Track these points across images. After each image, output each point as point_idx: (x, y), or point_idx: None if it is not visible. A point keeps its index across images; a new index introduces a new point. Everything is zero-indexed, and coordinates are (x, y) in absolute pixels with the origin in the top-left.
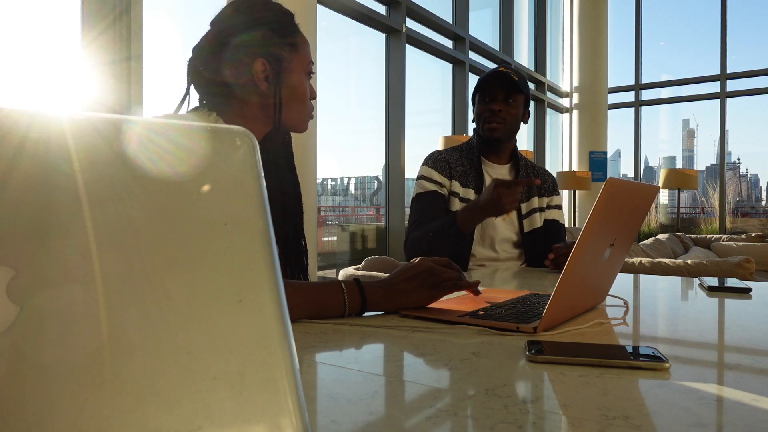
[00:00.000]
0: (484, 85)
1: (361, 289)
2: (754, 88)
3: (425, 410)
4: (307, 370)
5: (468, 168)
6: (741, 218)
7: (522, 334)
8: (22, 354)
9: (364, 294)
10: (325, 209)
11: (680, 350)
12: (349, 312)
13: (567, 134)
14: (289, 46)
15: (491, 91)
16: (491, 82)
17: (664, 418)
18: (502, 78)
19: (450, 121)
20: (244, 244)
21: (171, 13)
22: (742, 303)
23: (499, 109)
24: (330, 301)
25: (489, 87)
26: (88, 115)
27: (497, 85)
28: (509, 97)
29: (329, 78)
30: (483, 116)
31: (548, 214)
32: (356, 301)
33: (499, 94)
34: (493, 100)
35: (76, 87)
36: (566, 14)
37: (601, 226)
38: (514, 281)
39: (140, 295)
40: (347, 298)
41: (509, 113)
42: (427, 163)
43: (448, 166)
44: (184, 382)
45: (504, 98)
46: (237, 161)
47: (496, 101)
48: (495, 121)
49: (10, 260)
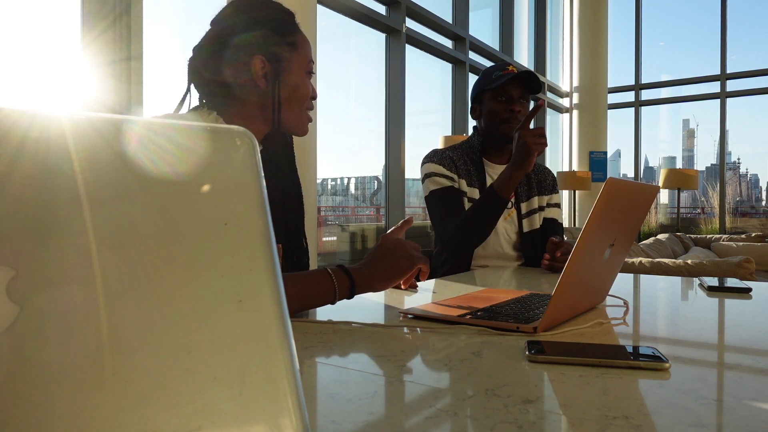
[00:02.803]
0: (504, 85)
1: (348, 273)
2: (754, 88)
3: (425, 410)
4: (307, 370)
5: (471, 168)
6: (741, 218)
7: (522, 334)
8: (22, 354)
9: (352, 278)
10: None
11: (680, 350)
12: (339, 298)
13: (567, 134)
14: (288, 45)
15: (510, 91)
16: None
17: (664, 418)
18: (526, 77)
19: (450, 121)
20: (244, 244)
21: (171, 13)
22: (742, 303)
23: (519, 110)
24: (321, 289)
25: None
26: (88, 115)
27: (520, 86)
28: (523, 96)
29: (329, 78)
30: (501, 117)
31: (547, 212)
32: (345, 286)
33: (515, 93)
34: (511, 100)
35: (76, 87)
36: (566, 14)
37: (601, 226)
38: (514, 281)
39: (140, 295)
40: (336, 284)
41: (523, 114)
42: (432, 160)
43: (454, 164)
44: (184, 382)
45: (519, 97)
46: (237, 161)
47: (514, 101)
48: (514, 122)
49: (10, 260)
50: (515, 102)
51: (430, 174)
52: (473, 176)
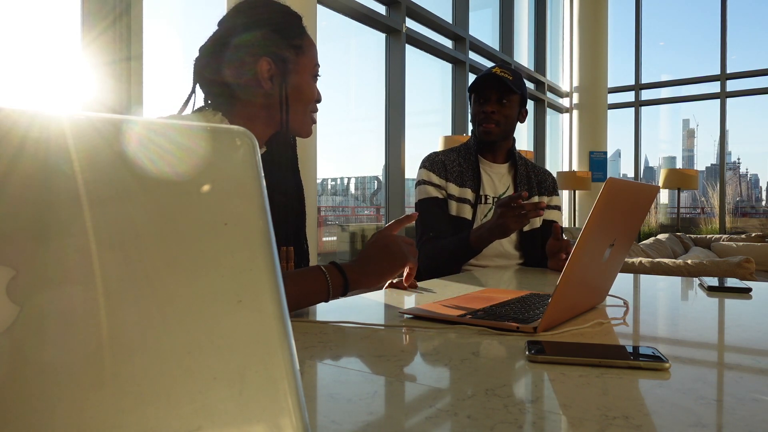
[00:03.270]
0: (477, 87)
1: (341, 270)
2: (754, 88)
3: (425, 410)
4: (307, 370)
5: (465, 168)
6: (741, 218)
7: (522, 334)
8: (22, 354)
9: (345, 275)
10: (325, 209)
11: (680, 350)
12: (333, 296)
13: (567, 134)
14: (294, 48)
15: (485, 93)
16: (483, 84)
17: (664, 418)
18: (495, 80)
19: (450, 121)
20: (244, 244)
21: (171, 13)
22: (742, 303)
23: (492, 111)
24: (314, 288)
25: (482, 88)
26: (88, 115)
27: (490, 87)
28: (503, 98)
29: (329, 78)
30: (477, 118)
31: (547, 214)
32: (338, 283)
33: (492, 96)
34: (487, 101)
35: (76, 87)
36: (566, 14)
37: (601, 226)
38: (514, 281)
39: (140, 295)
40: (330, 282)
41: (503, 114)
42: (425, 166)
43: (444, 168)
44: (184, 382)
45: (497, 99)
46: (237, 161)
47: (489, 102)
48: (488, 123)
49: (10, 260)
50: (490, 103)
51: (420, 182)
52: (466, 176)
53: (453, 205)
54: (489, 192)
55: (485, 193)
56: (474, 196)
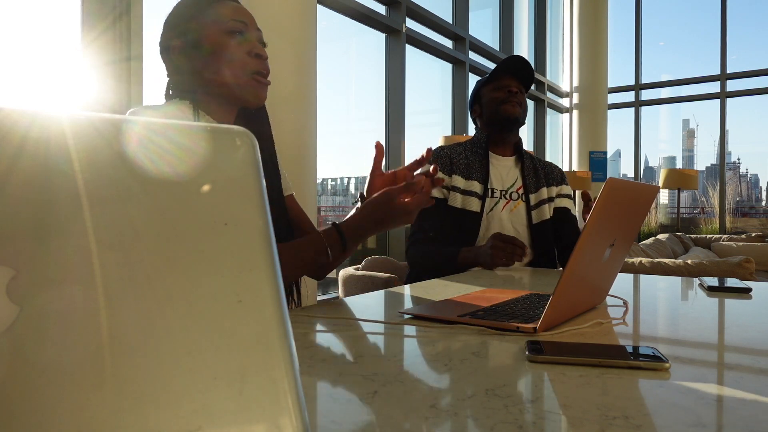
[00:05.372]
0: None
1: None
2: (754, 88)
3: (425, 410)
4: (307, 370)
5: (472, 160)
6: (741, 218)
7: (522, 334)
8: (22, 354)
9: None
10: (325, 209)
11: (680, 350)
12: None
13: (567, 134)
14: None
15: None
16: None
17: (664, 418)
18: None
19: (450, 121)
20: (244, 244)
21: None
22: (742, 303)
23: (516, 91)
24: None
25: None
26: (88, 115)
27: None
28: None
29: (329, 78)
30: (499, 99)
31: (558, 202)
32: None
33: (513, 82)
34: (510, 83)
35: (76, 87)
36: (566, 14)
37: (601, 226)
38: (514, 281)
39: (140, 295)
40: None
41: (522, 99)
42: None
43: (450, 161)
44: (184, 382)
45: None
46: (237, 161)
47: (513, 84)
48: (513, 101)
49: (10, 260)
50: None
51: None
52: (473, 169)
53: (458, 198)
54: (497, 185)
55: (492, 186)
56: (482, 188)
